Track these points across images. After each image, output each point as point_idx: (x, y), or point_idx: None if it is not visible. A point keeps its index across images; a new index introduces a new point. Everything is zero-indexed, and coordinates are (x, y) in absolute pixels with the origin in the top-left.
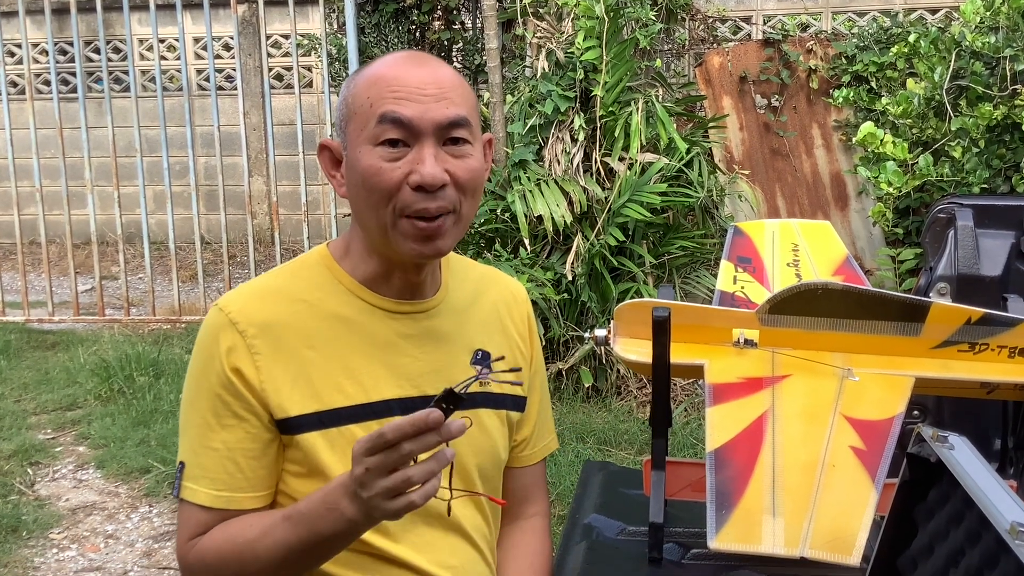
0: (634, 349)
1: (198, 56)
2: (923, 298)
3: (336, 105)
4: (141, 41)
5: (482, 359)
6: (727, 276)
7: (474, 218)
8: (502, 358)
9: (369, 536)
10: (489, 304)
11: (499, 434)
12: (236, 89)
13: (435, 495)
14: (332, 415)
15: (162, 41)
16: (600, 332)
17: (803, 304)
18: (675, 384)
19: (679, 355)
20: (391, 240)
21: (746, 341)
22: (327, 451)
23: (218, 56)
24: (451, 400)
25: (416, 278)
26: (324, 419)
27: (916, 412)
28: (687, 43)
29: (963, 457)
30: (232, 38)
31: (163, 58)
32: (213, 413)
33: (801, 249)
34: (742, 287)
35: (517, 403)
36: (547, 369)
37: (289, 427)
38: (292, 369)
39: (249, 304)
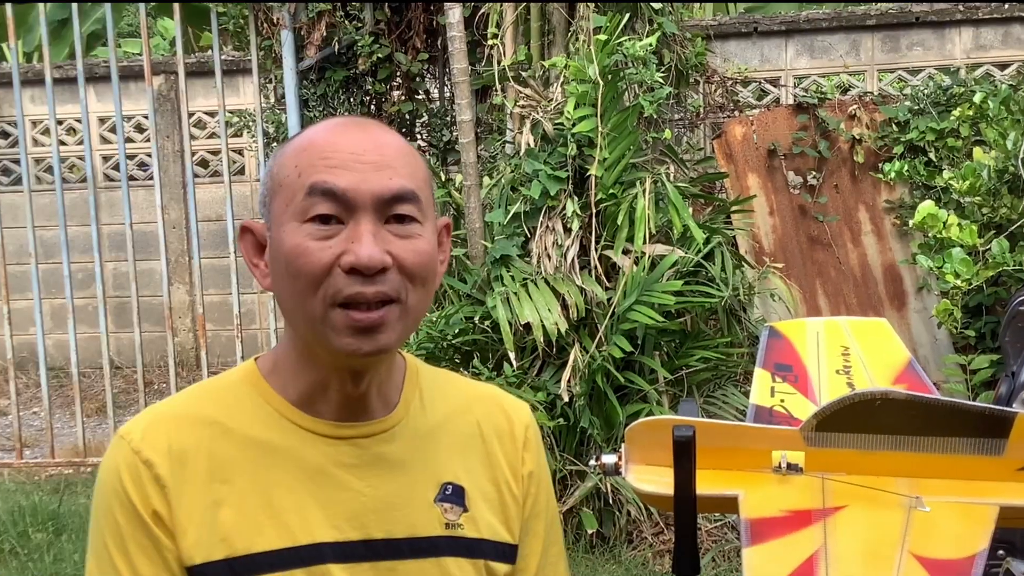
0: (651, 478)
1: (105, 140)
2: (1006, 408)
3: (261, 179)
4: (35, 123)
5: (452, 494)
6: (763, 387)
7: (447, 329)
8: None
9: None
10: (468, 425)
11: None
12: (152, 179)
13: None
14: (247, 562)
15: (61, 123)
16: (609, 459)
17: (858, 419)
18: (700, 528)
19: (707, 484)
20: (322, 337)
21: (789, 466)
22: None
23: (129, 139)
24: None
25: (355, 390)
26: (236, 567)
27: (1001, 551)
28: (702, 110)
29: None
30: (146, 117)
31: (62, 143)
32: (126, 562)
33: (853, 352)
34: (782, 400)
35: (502, 552)
36: None
37: None
38: (200, 506)
39: (152, 429)
